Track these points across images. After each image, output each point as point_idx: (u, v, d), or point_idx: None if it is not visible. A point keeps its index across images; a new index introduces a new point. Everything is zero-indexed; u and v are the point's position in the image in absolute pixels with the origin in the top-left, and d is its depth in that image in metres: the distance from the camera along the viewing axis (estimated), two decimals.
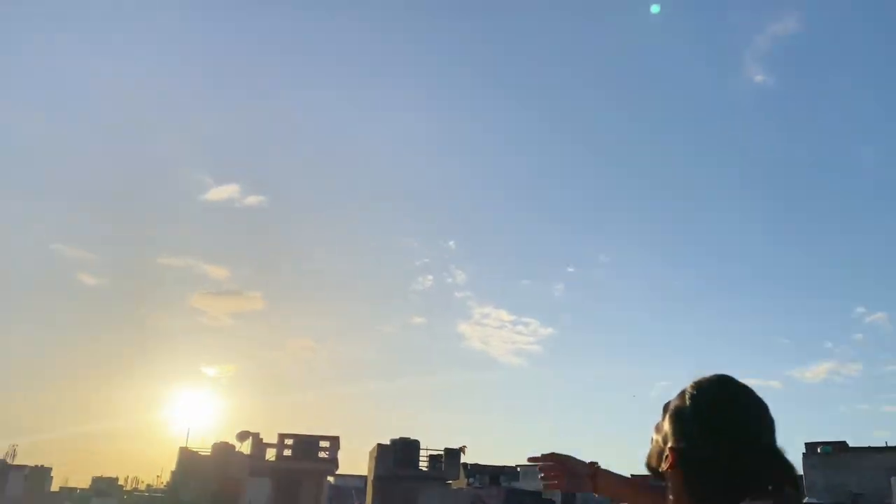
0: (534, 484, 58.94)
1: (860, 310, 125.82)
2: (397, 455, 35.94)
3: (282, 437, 37.33)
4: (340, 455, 38.28)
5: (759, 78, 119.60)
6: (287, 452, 37.21)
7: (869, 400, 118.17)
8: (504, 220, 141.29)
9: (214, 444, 37.27)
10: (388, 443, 36.85)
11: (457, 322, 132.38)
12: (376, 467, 35.75)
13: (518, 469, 61.89)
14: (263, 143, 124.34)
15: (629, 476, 1.94)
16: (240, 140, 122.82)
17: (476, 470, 59.66)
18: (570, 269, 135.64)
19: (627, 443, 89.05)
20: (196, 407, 58.01)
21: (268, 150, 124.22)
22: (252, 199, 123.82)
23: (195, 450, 36.80)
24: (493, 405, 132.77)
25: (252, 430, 38.19)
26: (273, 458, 37.04)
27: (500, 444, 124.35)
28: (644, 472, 1.59)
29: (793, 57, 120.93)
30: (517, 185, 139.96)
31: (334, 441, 37.57)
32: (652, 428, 1.54)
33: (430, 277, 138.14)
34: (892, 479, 19.32)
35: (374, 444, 37.67)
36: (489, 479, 58.61)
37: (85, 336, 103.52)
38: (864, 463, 47.58)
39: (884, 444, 49.42)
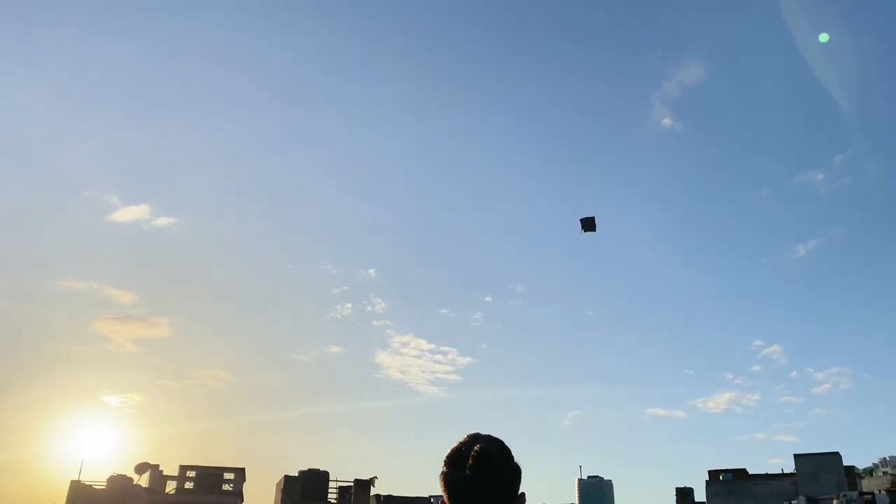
0: None
1: (757, 343, 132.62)
2: (305, 487, 34.96)
3: (183, 469, 35.74)
4: (246, 487, 36.94)
5: (666, 121, 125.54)
6: (189, 485, 35.63)
7: (765, 429, 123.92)
8: (424, 250, 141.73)
9: (111, 477, 35.35)
10: (296, 474, 35.87)
11: (375, 351, 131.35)
12: (283, 499, 34.67)
13: (431, 500, 61.34)
14: (177, 163, 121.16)
15: None
16: (152, 159, 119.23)
17: (388, 501, 58.77)
18: (488, 299, 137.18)
19: (541, 471, 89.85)
20: (95, 438, 55.07)
21: (181, 170, 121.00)
22: (162, 221, 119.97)
23: (89, 483, 34.78)
24: (409, 435, 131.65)
25: (153, 462, 36.48)
26: (173, 492, 35.41)
27: (414, 475, 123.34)
28: None
29: (698, 103, 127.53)
30: (437, 215, 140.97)
31: (239, 473, 36.22)
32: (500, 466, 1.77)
33: (349, 306, 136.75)
34: None
35: (282, 476, 36.57)
36: None
37: None
38: (761, 489, 49.57)
39: (780, 472, 51.83)
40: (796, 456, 46.58)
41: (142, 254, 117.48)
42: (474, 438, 1.73)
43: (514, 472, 1.73)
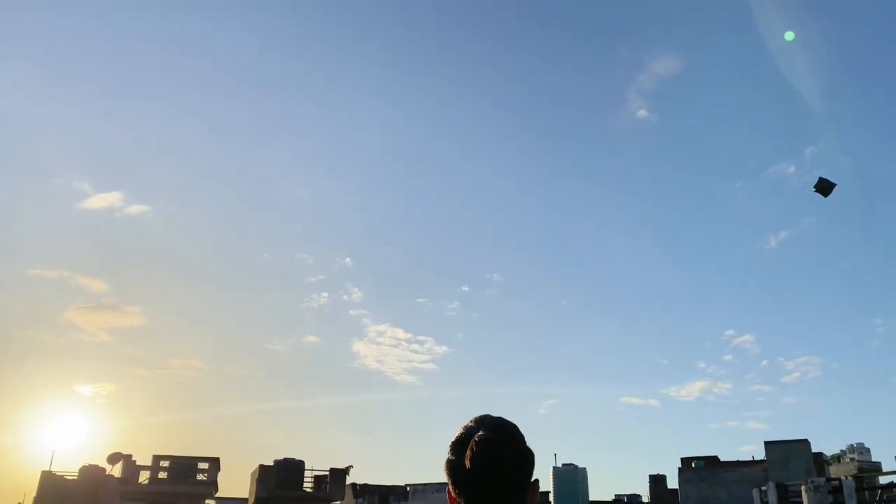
0: (423, 503, 58.73)
1: (729, 332, 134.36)
2: (280, 476, 34.90)
3: (157, 459, 35.49)
4: (221, 477, 36.83)
5: (641, 113, 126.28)
6: (162, 475, 35.40)
7: (737, 417, 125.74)
8: (401, 239, 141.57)
9: (82, 467, 34.96)
10: (272, 464, 35.77)
11: (351, 341, 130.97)
12: (257, 489, 34.57)
13: (408, 489, 61.52)
14: (151, 150, 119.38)
15: None
16: (124, 146, 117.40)
17: (365, 490, 58.79)
18: (465, 288, 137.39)
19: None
20: (66, 428, 54.42)
21: (155, 158, 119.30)
22: (135, 209, 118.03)
23: (60, 474, 34.37)
24: (385, 424, 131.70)
25: (126, 453, 36.16)
26: (146, 482, 35.14)
27: (391, 464, 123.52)
28: None
29: (672, 95, 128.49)
30: (414, 204, 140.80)
31: (214, 463, 36.06)
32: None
33: (325, 295, 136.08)
34: (754, 490, 20.44)
35: (257, 466, 36.45)
36: (378, 499, 57.93)
37: None
38: (732, 476, 50.39)
39: (750, 458, 52.68)
40: (766, 443, 47.39)
41: (114, 242, 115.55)
42: (480, 422, 1.62)
43: (523, 460, 1.58)
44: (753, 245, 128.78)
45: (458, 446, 1.58)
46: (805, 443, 45.94)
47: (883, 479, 24.33)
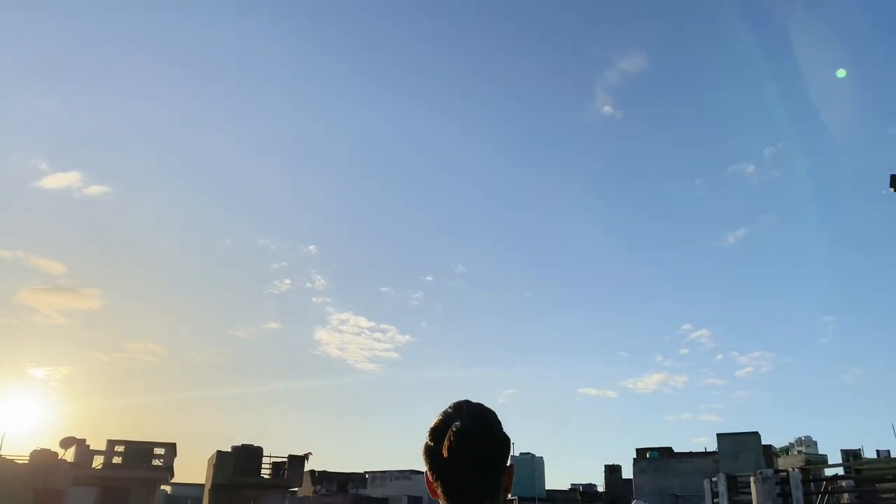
0: (381, 490, 58.90)
1: (686, 326, 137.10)
2: (238, 462, 34.64)
3: (111, 443, 34.87)
4: (177, 462, 36.35)
5: (607, 109, 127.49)
6: (117, 460, 34.82)
7: (691, 409, 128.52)
8: (366, 227, 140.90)
9: (34, 451, 34.21)
10: (229, 450, 35.47)
11: (314, 328, 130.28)
12: (214, 475, 34.28)
13: (367, 476, 61.65)
14: (111, 130, 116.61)
15: None
16: (84, 125, 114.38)
17: (324, 477, 58.79)
18: (429, 278, 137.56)
19: None
20: (18, 411, 53.16)
21: (116, 137, 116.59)
22: (95, 190, 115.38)
23: (10, 458, 33.60)
24: (347, 411, 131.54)
25: (79, 437, 35.48)
26: (100, 467, 34.54)
27: (351, 451, 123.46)
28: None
29: (638, 92, 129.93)
30: (379, 193, 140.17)
31: (170, 448, 35.59)
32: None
33: (288, 282, 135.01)
34: (706, 481, 20.95)
35: (214, 451, 36.12)
36: (337, 486, 57.98)
37: None
38: (685, 467, 51.55)
39: (703, 450, 53.92)
40: (719, 435, 48.54)
41: (72, 223, 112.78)
42: (458, 409, 1.62)
43: (499, 448, 1.59)
44: (712, 241, 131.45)
45: (437, 433, 1.58)
46: (755, 435, 47.17)
47: (828, 472, 25.12)
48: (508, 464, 1.62)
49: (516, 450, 42.45)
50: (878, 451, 51.77)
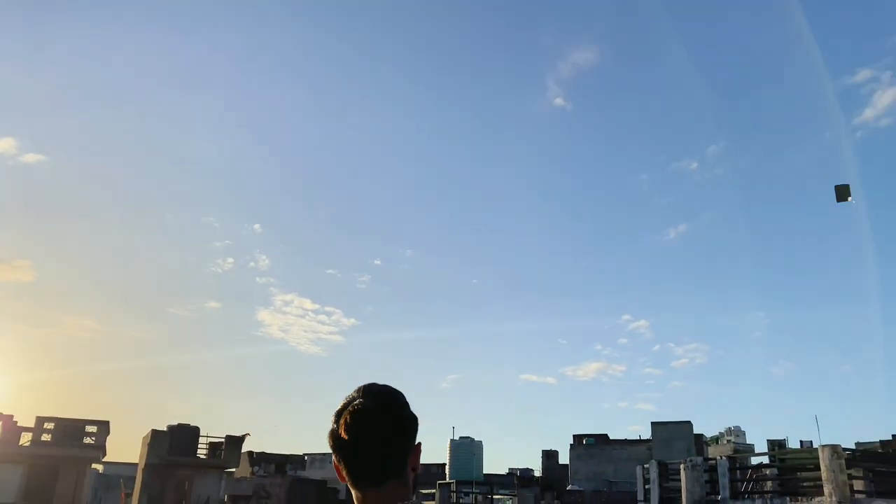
0: (320, 472, 58.71)
1: (626, 317, 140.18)
2: (173, 442, 34.06)
3: (40, 420, 33.82)
4: (110, 441, 35.56)
5: (558, 101, 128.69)
6: (46, 437, 33.80)
7: (628, 398, 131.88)
8: (314, 208, 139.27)
9: None
10: (165, 429, 34.83)
11: (256, 309, 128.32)
12: (148, 454, 33.63)
13: (306, 458, 61.33)
14: (49, 97, 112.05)
15: None
16: (19, 90, 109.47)
17: (262, 458, 58.28)
18: (377, 262, 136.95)
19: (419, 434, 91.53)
20: None
21: (54, 105, 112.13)
22: (30, 158, 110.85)
23: None
24: (288, 394, 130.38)
25: (6, 413, 34.31)
26: (28, 444, 33.48)
27: (291, 433, 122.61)
28: None
29: (589, 85, 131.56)
30: (328, 174, 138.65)
31: (103, 426, 34.74)
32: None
33: (231, 260, 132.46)
34: (638, 468, 21.55)
35: (149, 430, 35.38)
36: (275, 467, 57.55)
37: None
38: (620, 454, 52.93)
39: (637, 438, 55.43)
40: (653, 423, 49.94)
41: (5, 191, 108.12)
42: (361, 392, 1.58)
43: (403, 428, 1.56)
44: (654, 236, 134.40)
45: (338, 416, 1.54)
46: (688, 424, 48.77)
47: (754, 460, 26.16)
48: (417, 442, 1.59)
49: (456, 433, 42.81)
50: (801, 441, 54.13)
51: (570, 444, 55.06)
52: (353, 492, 1.55)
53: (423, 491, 33.57)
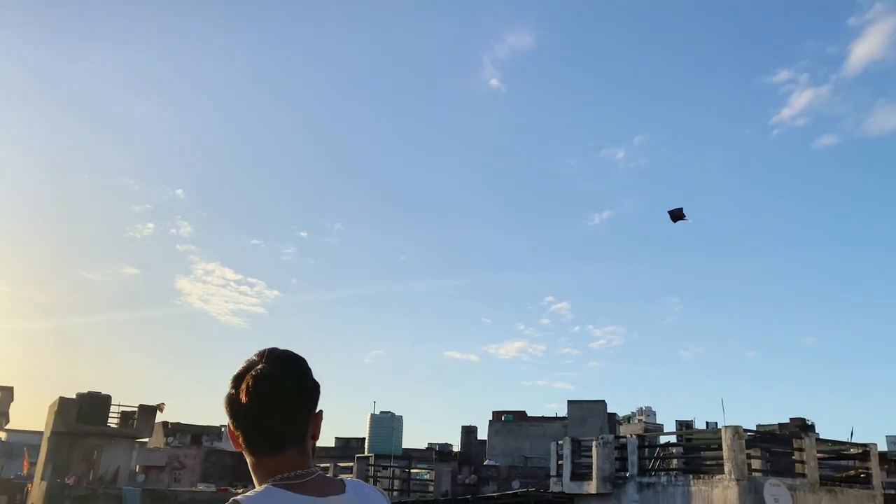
0: None
1: (549, 298, 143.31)
2: (83, 410, 32.88)
3: None
4: (14, 408, 34.08)
5: (494, 82, 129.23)
6: None
7: (547, 376, 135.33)
8: (240, 175, 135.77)
9: None
10: (74, 396, 33.57)
11: (176, 277, 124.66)
12: (55, 422, 32.38)
13: (222, 429, 60.38)
14: None
15: None
16: None
17: (177, 429, 57.01)
18: (304, 234, 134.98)
19: (338, 405, 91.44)
20: None
21: None
22: None
23: None
24: (206, 364, 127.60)
25: None
26: None
27: (207, 404, 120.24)
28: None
29: (524, 68, 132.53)
30: (259, 141, 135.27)
31: (7, 392, 33.25)
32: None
33: (151, 226, 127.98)
34: (552, 444, 22.17)
35: (57, 398, 34.05)
36: (190, 438, 56.43)
37: None
38: (536, 430, 54.27)
39: (554, 415, 56.94)
40: (569, 402, 51.45)
41: None
42: (262, 355, 1.53)
43: (305, 394, 1.52)
44: (579, 220, 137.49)
45: (238, 380, 1.49)
46: (602, 403, 50.42)
47: (663, 439, 27.35)
48: (318, 410, 1.55)
49: (377, 408, 42.98)
50: (707, 422, 56.87)
51: (490, 421, 56.08)
52: (248, 458, 1.50)
53: (342, 465, 33.63)
